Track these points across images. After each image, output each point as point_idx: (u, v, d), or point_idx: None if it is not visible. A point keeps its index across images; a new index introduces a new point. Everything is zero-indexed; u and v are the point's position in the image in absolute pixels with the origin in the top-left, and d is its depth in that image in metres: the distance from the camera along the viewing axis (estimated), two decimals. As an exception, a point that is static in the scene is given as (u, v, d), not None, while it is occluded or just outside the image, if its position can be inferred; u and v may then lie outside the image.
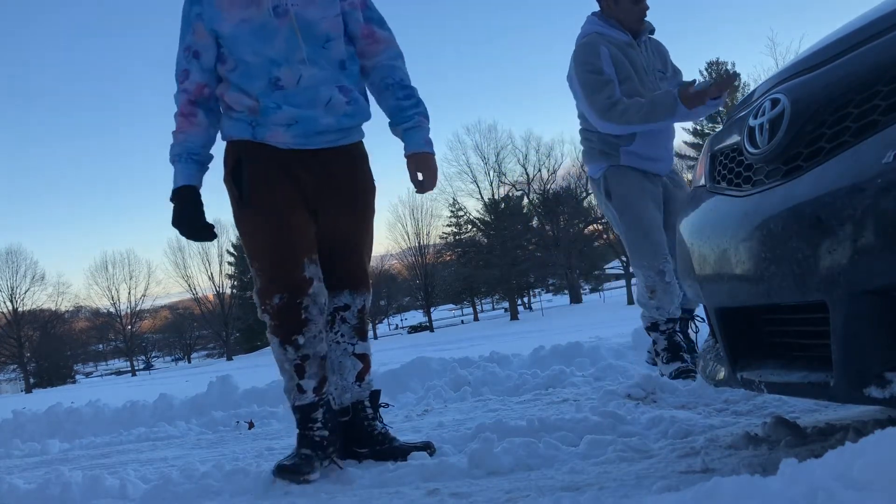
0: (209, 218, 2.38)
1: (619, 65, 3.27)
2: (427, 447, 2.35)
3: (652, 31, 3.47)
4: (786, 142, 1.47)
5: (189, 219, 2.35)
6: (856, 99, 1.33)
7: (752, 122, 1.60)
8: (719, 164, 1.84)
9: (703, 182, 1.95)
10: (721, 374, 1.82)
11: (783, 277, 1.41)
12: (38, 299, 59.40)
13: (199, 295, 57.86)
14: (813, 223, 1.31)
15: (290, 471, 2.18)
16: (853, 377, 1.31)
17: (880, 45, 1.34)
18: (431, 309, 53.45)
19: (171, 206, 2.35)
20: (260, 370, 14.56)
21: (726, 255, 1.62)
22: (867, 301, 1.26)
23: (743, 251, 1.54)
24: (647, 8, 3.37)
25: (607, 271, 52.63)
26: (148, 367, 61.88)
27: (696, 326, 3.47)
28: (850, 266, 1.25)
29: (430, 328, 48.76)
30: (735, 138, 1.73)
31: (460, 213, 50.38)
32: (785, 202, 1.41)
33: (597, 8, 3.44)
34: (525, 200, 48.30)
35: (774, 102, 1.54)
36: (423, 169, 2.46)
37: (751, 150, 1.59)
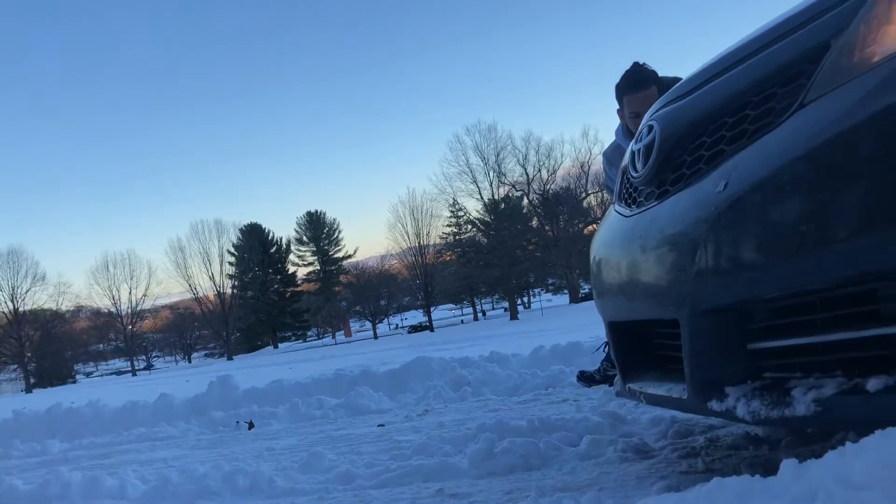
0: None
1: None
2: None
3: None
4: (656, 167, 1.55)
5: None
6: (709, 128, 1.41)
7: (634, 146, 1.68)
8: (622, 182, 1.90)
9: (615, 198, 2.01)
10: (618, 386, 1.90)
11: (646, 296, 1.51)
12: (38, 299, 59.20)
13: (200, 295, 57.96)
14: (670, 246, 1.39)
15: None
16: (699, 390, 1.37)
17: (730, 77, 1.42)
18: (431, 309, 53.44)
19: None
20: (260, 370, 14.56)
21: (612, 271, 1.71)
22: (709, 319, 1.33)
23: (623, 268, 1.63)
24: None
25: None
26: (148, 366, 61.90)
27: None
28: (693, 287, 1.32)
29: (430, 328, 48.73)
30: (628, 159, 1.82)
31: (460, 213, 50.45)
32: (650, 225, 1.49)
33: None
34: (525, 201, 48.33)
35: (650, 129, 1.61)
36: None
37: (633, 172, 1.67)
